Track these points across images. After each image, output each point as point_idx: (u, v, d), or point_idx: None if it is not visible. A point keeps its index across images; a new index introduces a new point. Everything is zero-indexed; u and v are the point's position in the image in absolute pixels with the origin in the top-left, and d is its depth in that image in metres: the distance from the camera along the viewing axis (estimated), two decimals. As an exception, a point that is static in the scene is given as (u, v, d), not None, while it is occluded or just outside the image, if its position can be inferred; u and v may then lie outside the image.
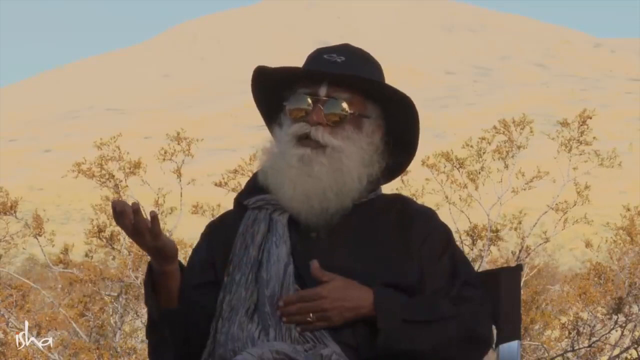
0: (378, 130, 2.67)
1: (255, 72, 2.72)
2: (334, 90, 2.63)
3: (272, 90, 2.71)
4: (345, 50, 2.72)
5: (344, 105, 2.62)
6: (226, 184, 9.18)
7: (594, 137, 9.86)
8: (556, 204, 9.79)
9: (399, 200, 2.75)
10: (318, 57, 2.70)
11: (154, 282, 2.62)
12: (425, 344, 2.53)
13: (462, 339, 2.57)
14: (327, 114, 2.61)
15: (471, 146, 9.74)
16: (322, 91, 2.63)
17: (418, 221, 2.67)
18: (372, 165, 2.65)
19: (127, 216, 2.50)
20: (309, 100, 2.63)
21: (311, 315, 2.51)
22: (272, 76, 2.70)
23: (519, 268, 2.89)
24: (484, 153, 9.74)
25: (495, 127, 9.81)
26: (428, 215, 2.71)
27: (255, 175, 2.74)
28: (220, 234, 2.71)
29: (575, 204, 9.71)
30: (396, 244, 2.61)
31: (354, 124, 2.63)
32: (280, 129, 2.68)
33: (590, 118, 9.84)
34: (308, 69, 2.66)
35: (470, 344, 2.59)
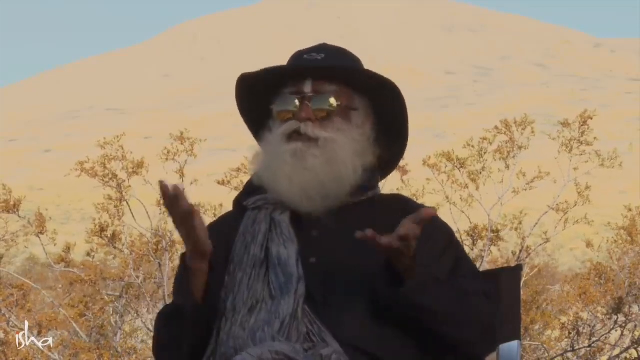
0: (367, 121, 2.67)
1: (238, 81, 2.72)
2: (319, 84, 2.63)
3: (258, 97, 2.72)
4: (324, 48, 2.73)
5: (331, 99, 2.62)
6: (229, 182, 9.18)
7: (594, 138, 9.85)
8: (557, 205, 9.78)
9: (399, 200, 2.75)
10: (298, 58, 2.71)
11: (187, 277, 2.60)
12: (443, 305, 2.50)
13: (475, 321, 2.55)
14: (315, 109, 2.61)
15: (472, 146, 9.73)
16: (308, 87, 2.63)
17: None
18: (366, 155, 2.65)
19: (180, 200, 2.44)
20: (296, 101, 2.63)
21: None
22: (256, 82, 2.71)
23: (519, 268, 2.90)
24: (485, 153, 9.73)
25: (496, 127, 9.80)
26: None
27: (252, 178, 2.74)
28: (221, 235, 2.69)
29: (575, 205, 9.69)
30: None
31: (342, 117, 2.63)
32: (270, 133, 2.68)
33: (591, 118, 9.83)
34: (289, 66, 2.67)
35: (480, 332, 2.56)
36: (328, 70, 2.64)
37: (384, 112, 2.69)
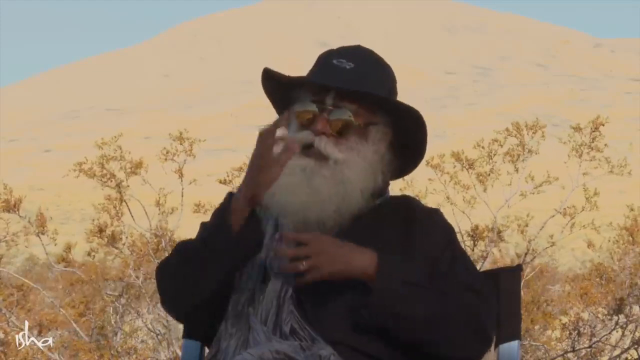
0: (384, 138, 2.65)
1: (263, 75, 2.70)
2: (340, 99, 2.60)
3: (280, 88, 2.70)
4: (356, 54, 2.68)
5: (350, 115, 2.59)
6: (230, 181, 9.16)
7: (605, 144, 9.81)
8: (564, 209, 9.74)
9: (405, 203, 2.72)
10: (327, 61, 2.67)
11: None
12: (420, 309, 2.46)
13: (461, 320, 2.50)
14: (332, 123, 2.58)
15: (483, 147, 9.68)
16: (329, 100, 2.60)
17: (421, 222, 2.64)
18: (376, 176, 2.62)
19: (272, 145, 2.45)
20: (316, 108, 2.60)
21: (303, 263, 2.44)
22: (279, 81, 2.69)
23: (518, 268, 2.88)
24: (494, 155, 9.68)
25: (507, 130, 9.74)
26: (431, 215, 2.68)
27: None
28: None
29: (583, 210, 9.65)
30: (398, 248, 2.58)
31: (359, 134, 2.60)
32: (288, 128, 2.65)
33: (603, 125, 9.77)
34: (314, 80, 2.63)
35: (469, 332, 2.52)
36: (349, 92, 2.60)
37: (403, 130, 2.66)
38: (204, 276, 2.52)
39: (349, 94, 2.59)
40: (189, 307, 2.57)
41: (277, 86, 2.70)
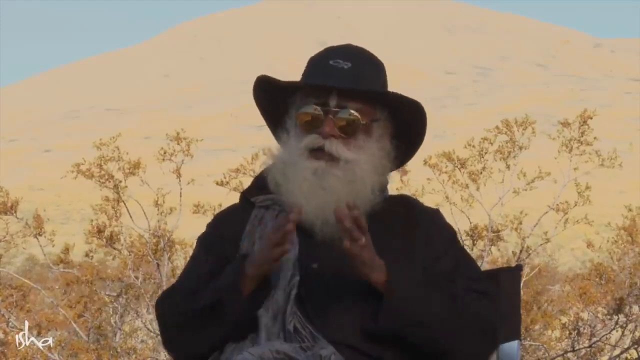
0: (386, 132, 2.66)
1: (257, 82, 2.69)
2: (344, 99, 2.61)
3: (277, 94, 2.69)
4: (350, 53, 2.69)
5: (356, 115, 2.60)
6: (227, 183, 9.15)
7: (594, 138, 9.82)
8: (557, 205, 9.75)
9: (405, 202, 2.74)
10: (323, 62, 2.67)
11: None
12: (432, 314, 2.49)
13: (471, 324, 2.54)
14: (339, 124, 2.60)
15: (473, 146, 9.70)
16: (333, 102, 2.60)
17: (422, 223, 2.66)
18: (384, 172, 2.64)
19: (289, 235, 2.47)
20: (321, 110, 2.61)
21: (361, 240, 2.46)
22: (277, 87, 2.68)
23: (518, 268, 2.89)
24: (486, 153, 9.69)
25: (497, 127, 9.76)
26: (432, 217, 2.70)
27: (262, 173, 2.71)
28: (229, 227, 2.69)
29: (576, 205, 9.66)
30: (400, 247, 2.60)
31: (365, 132, 2.61)
32: (287, 135, 2.66)
33: (591, 118, 9.79)
34: (316, 84, 2.62)
35: (478, 335, 2.56)
36: (355, 91, 2.61)
37: (403, 123, 2.68)
38: (212, 337, 2.55)
39: (352, 93, 2.60)
40: (194, 357, 2.60)
41: (273, 93, 2.69)
